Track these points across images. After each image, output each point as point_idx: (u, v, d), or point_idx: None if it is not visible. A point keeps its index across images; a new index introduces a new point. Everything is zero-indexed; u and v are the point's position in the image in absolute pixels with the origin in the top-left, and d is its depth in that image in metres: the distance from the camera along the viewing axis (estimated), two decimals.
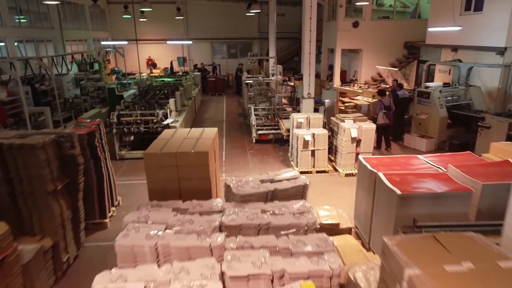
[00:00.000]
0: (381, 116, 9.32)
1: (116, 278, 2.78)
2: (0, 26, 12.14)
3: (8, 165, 4.35)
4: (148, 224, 3.47)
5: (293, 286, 2.68)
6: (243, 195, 4.08)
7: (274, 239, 3.32)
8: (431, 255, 2.44)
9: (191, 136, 5.08)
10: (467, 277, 2.22)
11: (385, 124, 9.36)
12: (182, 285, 2.68)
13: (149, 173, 4.48)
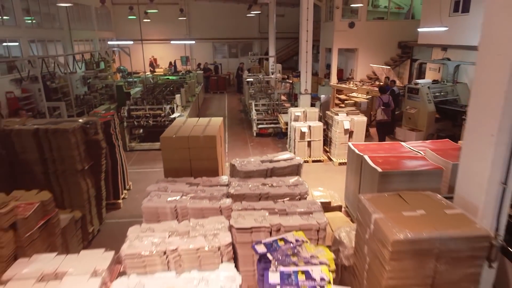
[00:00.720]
0: (379, 112, 9.90)
1: (146, 230, 3.47)
2: (14, 26, 12.84)
3: (43, 147, 5.05)
4: (167, 192, 4.17)
5: (287, 235, 3.36)
6: (246, 172, 4.77)
7: (272, 203, 4.01)
8: (394, 206, 3.13)
9: (200, 123, 5.78)
10: (418, 219, 2.92)
11: (383, 120, 9.93)
12: (199, 233, 3.37)
13: (165, 154, 5.17)
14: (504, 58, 2.77)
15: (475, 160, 3.16)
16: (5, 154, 5.00)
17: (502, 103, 2.82)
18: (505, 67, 2.76)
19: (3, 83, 11.85)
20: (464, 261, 2.76)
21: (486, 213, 3.09)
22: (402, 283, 2.78)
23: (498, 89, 2.85)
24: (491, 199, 3.05)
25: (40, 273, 3.01)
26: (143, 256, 3.13)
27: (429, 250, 2.71)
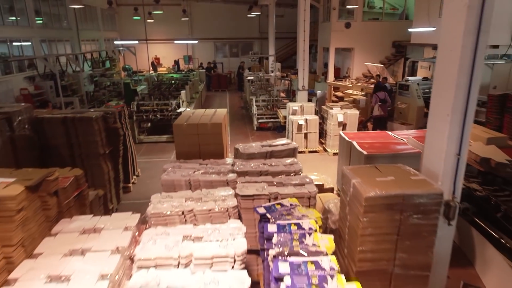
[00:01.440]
0: (376, 108, 10.58)
1: (165, 197, 4.18)
2: (27, 27, 13.55)
3: (70, 133, 5.75)
4: (181, 169, 4.87)
5: (283, 201, 4.06)
6: (249, 154, 5.48)
7: (271, 178, 4.71)
8: (369, 174, 3.84)
9: (207, 113, 6.49)
10: (388, 182, 3.62)
11: (380, 116, 10.62)
12: (210, 199, 4.07)
13: (177, 139, 5.88)
14: (454, 54, 3.48)
15: (435, 136, 3.87)
16: (37, 139, 5.71)
17: (454, 89, 3.53)
18: (455, 61, 3.47)
19: (18, 80, 12.55)
20: (423, 214, 3.46)
21: (445, 179, 3.80)
22: (374, 232, 3.49)
23: (451, 78, 3.56)
24: (448, 167, 3.76)
25: (82, 228, 3.71)
26: (165, 215, 3.83)
27: (395, 205, 3.42)
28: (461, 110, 3.56)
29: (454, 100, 3.55)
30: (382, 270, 3.63)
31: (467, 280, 4.61)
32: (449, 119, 3.62)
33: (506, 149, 5.74)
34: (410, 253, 3.57)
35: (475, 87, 3.51)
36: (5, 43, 12.52)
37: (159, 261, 3.09)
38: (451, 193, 3.82)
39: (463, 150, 3.68)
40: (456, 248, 5.29)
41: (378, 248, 3.55)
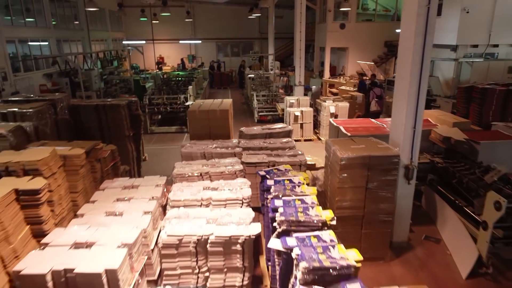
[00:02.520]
0: (373, 104, 11.58)
1: (185, 164, 5.27)
2: (45, 28, 14.65)
3: (101, 118, 6.83)
4: (196, 145, 5.96)
5: (279, 167, 5.14)
6: (251, 134, 6.57)
7: (270, 151, 5.81)
8: (346, 143, 4.94)
9: (215, 103, 7.58)
10: (359, 149, 4.72)
11: (376, 111, 11.60)
12: (222, 165, 5.15)
13: (190, 123, 6.98)
14: (409, 50, 4.57)
15: (397, 115, 4.97)
16: (73, 123, 6.79)
17: (409, 78, 4.62)
18: (409, 56, 4.56)
19: (37, 77, 13.64)
20: (385, 171, 4.56)
21: (404, 147, 4.90)
22: (348, 185, 4.58)
23: (407, 69, 4.65)
24: (407, 138, 4.85)
25: (123, 185, 4.80)
26: (187, 176, 4.92)
27: (364, 164, 4.51)
28: (415, 94, 4.66)
29: (409, 86, 4.64)
30: (355, 216, 4.73)
31: (428, 234, 5.70)
32: (406, 100, 4.71)
33: (469, 132, 6.82)
34: (376, 202, 4.67)
35: (425, 76, 4.60)
36: (24, 43, 13.61)
37: (186, 202, 4.18)
38: (409, 159, 4.91)
39: (417, 124, 4.78)
40: (423, 212, 6.39)
41: (352, 198, 4.65)
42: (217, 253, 3.66)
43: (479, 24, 12.10)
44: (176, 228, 3.68)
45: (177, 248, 3.64)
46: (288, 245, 3.16)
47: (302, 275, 2.79)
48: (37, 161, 3.66)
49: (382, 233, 4.88)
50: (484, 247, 4.51)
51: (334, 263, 2.84)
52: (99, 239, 3.33)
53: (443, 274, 4.77)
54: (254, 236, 3.65)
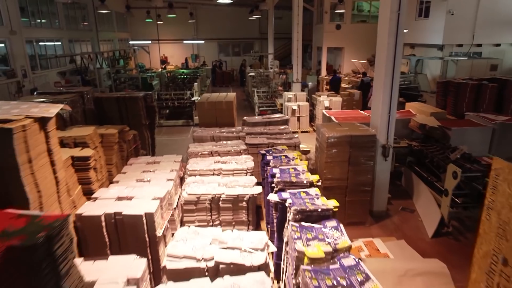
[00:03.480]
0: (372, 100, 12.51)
1: (197, 145, 6.23)
2: (59, 29, 15.62)
3: (121, 108, 7.79)
4: (206, 130, 6.92)
5: (277, 147, 6.09)
6: (253, 122, 7.54)
7: (269, 135, 6.77)
8: (333, 127, 5.90)
9: (221, 96, 8.54)
10: (344, 130, 5.68)
11: None
12: (229, 146, 6.11)
13: (199, 113, 7.93)
14: (384, 48, 5.53)
15: (376, 102, 5.93)
16: (97, 112, 7.75)
17: (384, 71, 5.58)
18: (384, 53, 5.52)
19: (52, 75, 14.61)
20: (364, 148, 5.52)
21: (381, 130, 5.85)
22: (333, 160, 5.54)
23: (383, 64, 5.60)
24: (383, 122, 5.81)
25: (146, 161, 5.76)
26: (200, 154, 5.88)
27: (346, 142, 5.47)
28: (389, 85, 5.62)
29: (384, 78, 5.60)
30: (340, 186, 5.69)
31: (405, 206, 6.67)
32: (382, 90, 5.67)
33: (444, 120, 7.79)
34: (357, 174, 5.63)
35: (397, 70, 5.56)
36: (37, 43, 14.58)
37: (201, 172, 5.15)
38: (385, 139, 5.87)
39: (392, 110, 5.74)
40: (403, 190, 7.35)
41: (336, 171, 5.61)
42: (227, 208, 4.62)
43: (463, 25, 13.07)
44: (195, 189, 4.64)
45: (196, 205, 4.60)
46: (282, 197, 4.11)
47: (293, 215, 3.75)
48: (85, 135, 4.62)
49: (363, 201, 5.85)
50: (445, 210, 5.47)
51: (317, 207, 3.80)
52: (136, 195, 4.29)
53: (413, 234, 5.73)
54: (257, 195, 4.61)
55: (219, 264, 3.30)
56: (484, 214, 3.47)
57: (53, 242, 1.74)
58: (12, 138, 2.88)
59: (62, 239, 1.81)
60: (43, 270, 1.71)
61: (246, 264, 3.28)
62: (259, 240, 3.62)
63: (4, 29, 11.63)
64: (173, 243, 3.55)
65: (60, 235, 1.80)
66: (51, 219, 1.85)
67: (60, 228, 1.80)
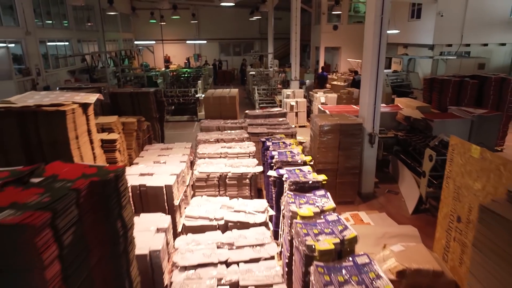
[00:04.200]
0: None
1: (205, 134, 7.00)
2: (68, 29, 16.38)
3: (134, 102, 8.55)
4: (211, 121, 7.69)
5: (276, 135, 6.85)
6: (255, 115, 8.30)
7: (269, 126, 7.53)
8: (325, 116, 6.66)
9: (225, 91, 9.30)
10: (334, 119, 6.44)
11: None
12: (233, 134, 6.88)
13: (205, 107, 8.69)
14: (370, 47, 6.29)
15: (363, 95, 6.69)
16: (112, 106, 8.51)
17: (370, 67, 6.34)
18: (370, 51, 6.28)
19: (63, 73, 15.37)
20: (352, 135, 6.28)
21: (368, 119, 6.62)
22: (325, 146, 6.30)
23: (369, 61, 6.37)
24: (370, 112, 6.57)
25: (160, 148, 6.52)
26: (207, 141, 6.64)
27: (336, 130, 6.23)
28: (374, 79, 6.38)
29: (370, 74, 6.36)
30: (331, 169, 6.45)
31: (391, 189, 7.43)
32: (368, 84, 6.44)
33: (428, 114, 8.55)
34: (346, 158, 6.40)
35: (381, 66, 6.32)
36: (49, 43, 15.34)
37: (210, 155, 5.91)
38: (372, 128, 6.63)
39: (377, 102, 6.50)
40: (390, 176, 8.11)
41: (328, 156, 6.38)
42: (232, 185, 5.38)
43: (452, 26, 13.84)
44: (205, 168, 5.41)
45: (206, 181, 5.36)
46: (280, 173, 4.87)
47: (289, 186, 4.51)
48: (111, 122, 5.39)
49: (352, 183, 6.62)
50: (423, 190, 6.23)
51: (308, 179, 4.56)
52: (156, 172, 5.05)
53: (396, 211, 6.49)
54: (258, 173, 5.37)
55: (228, 223, 4.07)
56: (444, 183, 4.24)
57: (117, 181, 2.49)
58: (65, 118, 3.65)
59: (122, 181, 2.56)
60: (111, 200, 2.46)
61: (250, 222, 4.04)
62: (260, 205, 4.38)
63: (20, 30, 12.39)
64: (190, 208, 4.32)
65: (122, 178, 2.55)
66: (113, 168, 2.60)
67: (122, 172, 2.55)
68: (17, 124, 3.61)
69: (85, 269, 2.30)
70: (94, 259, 2.41)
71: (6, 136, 3.61)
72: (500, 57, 14.69)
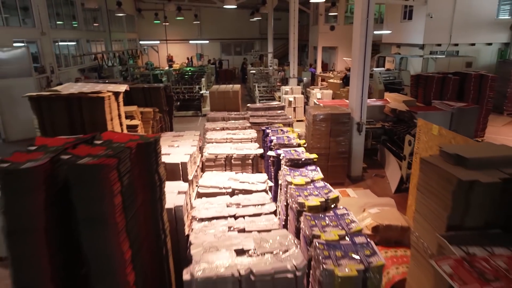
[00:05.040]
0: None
1: (212, 123, 7.86)
2: (78, 30, 17.24)
3: (146, 97, 9.41)
4: (217, 113, 8.55)
5: (275, 125, 7.70)
6: (255, 108, 9.17)
7: (269, 116, 8.40)
8: (319, 107, 7.53)
9: (228, 87, 10.17)
10: (326, 109, 7.32)
11: None
12: (237, 123, 7.74)
13: (211, 100, 9.56)
14: (357, 46, 7.15)
15: (353, 89, 7.56)
16: (126, 99, 9.35)
17: (358, 63, 7.20)
18: (358, 50, 7.14)
19: (74, 71, 16.24)
20: (342, 123, 7.15)
21: (356, 110, 7.49)
22: (318, 133, 7.17)
23: (356, 59, 7.23)
24: (358, 104, 7.44)
25: (173, 135, 7.38)
26: (214, 129, 7.50)
27: (327, 119, 7.10)
28: (361, 73, 7.25)
29: (358, 70, 7.23)
30: (324, 153, 7.32)
31: (377, 173, 8.30)
32: (356, 78, 7.30)
33: (414, 107, 9.41)
34: (337, 144, 7.27)
35: (367, 63, 7.18)
36: (59, 43, 16.21)
37: (217, 140, 6.77)
38: (359, 117, 7.50)
39: (364, 94, 7.36)
40: (378, 163, 8.97)
41: (321, 141, 7.25)
42: (237, 164, 6.24)
43: (442, 27, 14.71)
44: (213, 150, 6.27)
45: (214, 161, 6.22)
46: (278, 153, 5.74)
47: (285, 163, 5.38)
48: (132, 111, 6.26)
49: (342, 166, 7.49)
50: (404, 171, 7.10)
51: (302, 157, 5.43)
52: (172, 152, 5.91)
53: (381, 191, 7.36)
54: (259, 155, 6.24)
55: (234, 190, 4.93)
56: (414, 158, 5.11)
57: (156, 144, 3.35)
58: (104, 103, 4.52)
59: (158, 145, 3.43)
60: (151, 158, 3.32)
61: (253, 189, 4.90)
62: (261, 177, 5.25)
63: (36, 31, 13.26)
64: (202, 179, 5.19)
65: (158, 143, 3.41)
66: (151, 135, 3.45)
67: (158, 138, 3.42)
68: (65, 107, 4.47)
69: (134, 206, 3.17)
70: (139, 200, 3.28)
71: (57, 117, 4.47)
72: (487, 56, 15.55)
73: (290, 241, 3.43)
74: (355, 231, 3.60)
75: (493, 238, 2.59)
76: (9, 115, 10.91)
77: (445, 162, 2.91)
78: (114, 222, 2.84)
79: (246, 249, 3.34)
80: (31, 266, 2.83)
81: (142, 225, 3.34)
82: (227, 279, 2.99)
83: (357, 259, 3.09)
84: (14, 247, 2.81)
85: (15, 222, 2.76)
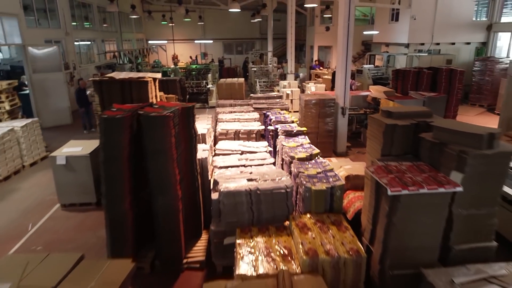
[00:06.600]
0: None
1: (221, 108, 9.50)
2: (95, 30, 18.87)
3: (163, 88, 11.03)
4: (225, 101, 10.18)
5: (275, 110, 9.31)
6: (257, 97, 10.80)
7: (269, 104, 10.03)
8: (309, 95, 9.17)
9: (234, 80, 11.81)
10: (316, 96, 8.96)
11: None
12: (243, 108, 9.37)
13: (219, 91, 11.21)
14: (341, 43, 8.78)
15: (338, 79, 9.19)
16: None
17: (341, 58, 8.83)
18: (341, 46, 8.77)
19: (91, 68, 17.87)
20: (327, 107, 8.78)
21: (340, 97, 9.12)
22: (309, 114, 8.80)
23: (340, 54, 8.86)
24: (342, 91, 9.07)
25: None
26: (223, 112, 9.13)
27: (316, 103, 8.73)
28: (344, 66, 8.87)
29: (341, 63, 8.85)
30: (313, 132, 8.94)
31: (360, 151, 9.93)
32: (341, 71, 8.93)
33: (392, 96, 11.04)
34: (324, 124, 8.90)
35: (349, 58, 8.80)
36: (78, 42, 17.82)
37: (226, 119, 8.40)
38: (343, 102, 9.13)
39: (346, 83, 8.99)
40: (362, 144, 10.60)
41: (311, 121, 8.88)
42: (244, 138, 7.87)
43: (424, 28, 16.33)
44: (224, 126, 7.90)
45: (226, 135, 7.85)
46: (276, 127, 7.38)
47: (281, 133, 7.01)
48: (161, 95, 7.87)
49: (329, 143, 9.11)
50: None
51: (294, 129, 7.07)
52: None
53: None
54: (261, 130, 7.88)
55: (243, 152, 6.56)
56: None
57: (192, 109, 4.99)
58: (147, 85, 6.15)
59: (194, 110, 5.06)
60: (190, 118, 4.96)
61: (257, 151, 6.54)
62: (264, 144, 6.89)
63: (61, 31, 14.89)
64: (218, 145, 6.82)
65: (193, 109, 5.04)
66: (190, 104, 5.09)
67: (194, 106, 5.05)
68: (119, 88, 6.10)
69: (180, 147, 4.81)
70: (182, 147, 4.92)
71: (113, 96, 6.09)
72: (466, 54, 17.17)
73: (284, 173, 5.07)
74: (328, 169, 5.24)
75: (405, 159, 4.24)
76: (42, 104, 12.55)
77: (382, 116, 4.56)
78: (171, 153, 4.49)
79: (254, 178, 4.98)
80: (117, 183, 4.48)
81: (184, 162, 4.99)
82: (242, 192, 4.62)
83: (326, 182, 4.73)
84: (107, 170, 4.45)
85: (109, 153, 4.41)
